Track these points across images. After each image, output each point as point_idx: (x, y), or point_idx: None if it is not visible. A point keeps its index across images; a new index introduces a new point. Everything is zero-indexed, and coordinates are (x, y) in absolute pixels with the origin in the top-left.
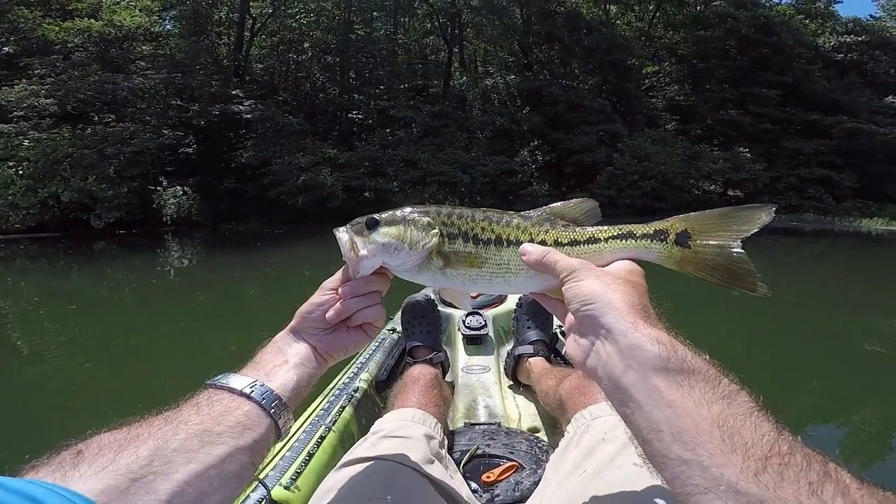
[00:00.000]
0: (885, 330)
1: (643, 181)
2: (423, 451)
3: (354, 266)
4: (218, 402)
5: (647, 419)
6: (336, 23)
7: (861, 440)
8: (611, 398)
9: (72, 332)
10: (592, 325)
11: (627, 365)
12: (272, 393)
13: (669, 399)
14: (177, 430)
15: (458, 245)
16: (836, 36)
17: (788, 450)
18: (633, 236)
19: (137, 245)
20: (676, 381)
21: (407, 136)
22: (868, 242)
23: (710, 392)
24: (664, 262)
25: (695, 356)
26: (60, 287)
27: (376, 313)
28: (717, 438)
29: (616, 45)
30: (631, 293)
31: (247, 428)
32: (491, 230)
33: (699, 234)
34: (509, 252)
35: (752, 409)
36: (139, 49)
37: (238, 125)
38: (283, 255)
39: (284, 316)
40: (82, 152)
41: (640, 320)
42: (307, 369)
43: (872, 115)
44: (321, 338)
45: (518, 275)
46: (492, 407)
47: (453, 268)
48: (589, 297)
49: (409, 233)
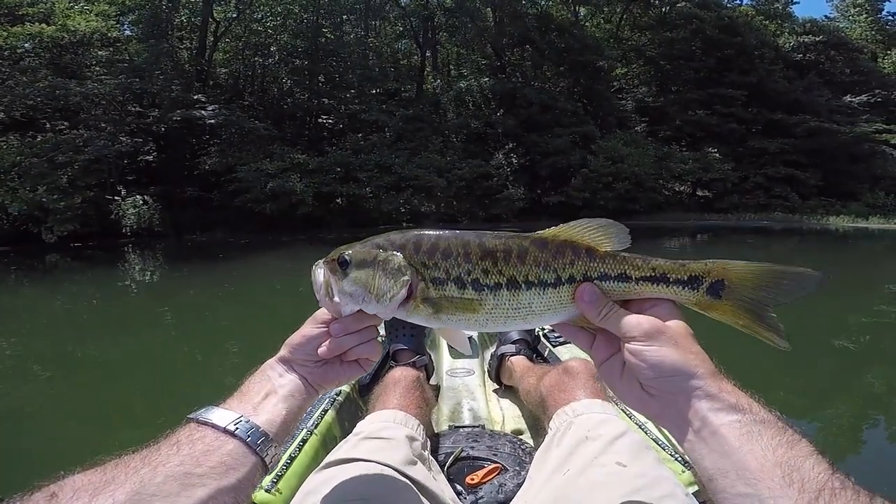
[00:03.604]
0: (852, 326)
1: (617, 183)
2: (404, 453)
3: (331, 310)
4: (200, 439)
5: (716, 462)
6: (304, 26)
7: (831, 434)
8: (680, 443)
9: (24, 351)
10: (672, 391)
11: (707, 422)
12: (258, 430)
13: (739, 445)
14: (155, 472)
15: (450, 291)
16: (795, 36)
17: (840, 486)
18: (665, 281)
19: (95, 258)
20: (749, 430)
21: (380, 141)
22: (834, 240)
23: (776, 438)
24: (690, 306)
25: (765, 410)
26: (11, 303)
27: (371, 350)
28: (778, 476)
29: (587, 46)
30: (703, 357)
31: (230, 468)
32: (499, 272)
33: (735, 287)
34: (530, 295)
35: (812, 452)
36: (95, 54)
37: (201, 131)
38: (252, 266)
39: (254, 331)
40: (31, 161)
41: (722, 383)
42: (296, 401)
43: (832, 114)
44: (312, 370)
45: (543, 315)
46: (476, 410)
47: (449, 314)
48: (671, 371)
49: (377, 280)
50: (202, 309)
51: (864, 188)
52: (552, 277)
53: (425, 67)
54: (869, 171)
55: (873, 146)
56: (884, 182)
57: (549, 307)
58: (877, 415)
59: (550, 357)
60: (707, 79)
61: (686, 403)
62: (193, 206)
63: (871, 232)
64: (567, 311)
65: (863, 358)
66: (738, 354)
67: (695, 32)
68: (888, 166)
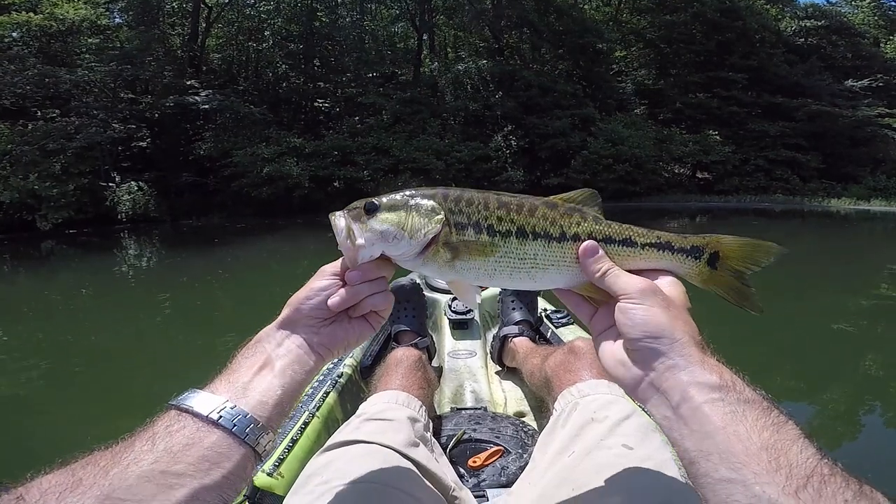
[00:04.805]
0: (851, 308)
1: (617, 165)
2: (406, 434)
3: (351, 255)
4: (179, 431)
5: (698, 443)
6: (298, 10)
7: (830, 417)
8: (660, 421)
9: (20, 339)
10: (654, 356)
11: (687, 396)
12: (245, 417)
13: (723, 426)
14: (126, 472)
15: (468, 235)
16: (797, 21)
17: (829, 472)
18: (670, 248)
19: (90, 245)
20: (732, 409)
21: (377, 124)
22: (836, 222)
23: (761, 420)
24: (691, 277)
25: (750, 389)
26: (6, 291)
27: (385, 300)
28: (765, 461)
29: (586, 28)
30: (693, 327)
31: (214, 464)
32: (510, 220)
33: (727, 258)
34: (536, 245)
35: (799, 435)
36: (85, 42)
37: (195, 116)
38: (249, 250)
39: (252, 314)
40: (22, 149)
41: (706, 356)
42: (297, 373)
43: (833, 98)
44: (319, 330)
45: (547, 270)
46: (478, 392)
47: (464, 260)
48: (656, 331)
49: (411, 219)
50: (199, 293)
51: (865, 171)
52: (558, 232)
53: (422, 50)
54: (870, 155)
55: (875, 130)
56: (885, 165)
57: (553, 262)
58: (873, 400)
59: (553, 338)
60: (707, 62)
61: (667, 372)
62: (189, 191)
63: (873, 214)
64: (571, 271)
65: (861, 341)
66: (738, 338)
67: (695, 16)
68: (889, 150)
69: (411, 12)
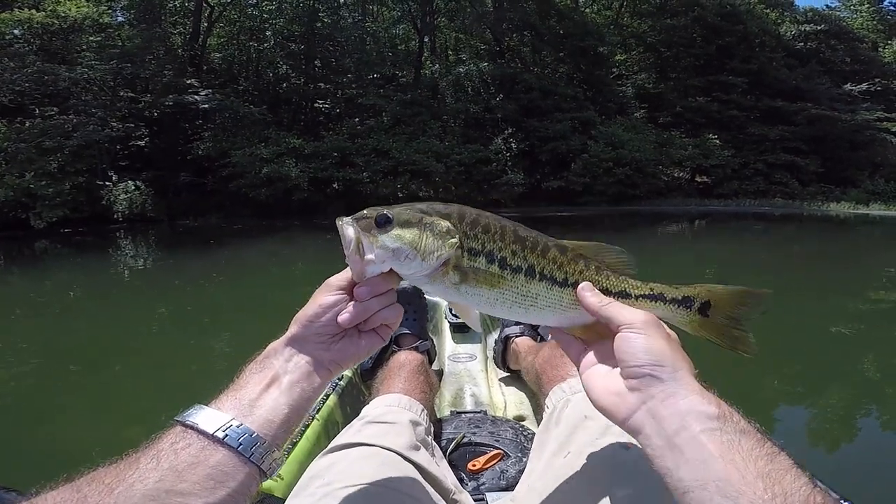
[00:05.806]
0: (850, 312)
1: (617, 168)
2: (408, 437)
3: (359, 269)
4: (184, 448)
5: (693, 472)
6: (300, 11)
7: (828, 421)
8: (651, 451)
9: (13, 339)
10: (655, 383)
11: (685, 424)
12: (251, 435)
13: (720, 454)
14: (131, 490)
15: (480, 263)
16: (796, 25)
17: (822, 500)
18: (663, 299)
19: (85, 244)
20: (730, 439)
21: (377, 125)
22: (834, 226)
23: (756, 449)
24: (683, 326)
25: (745, 420)
26: None
27: (395, 313)
28: (760, 489)
29: (587, 31)
30: (690, 363)
31: (219, 482)
32: (523, 257)
33: (717, 307)
34: (540, 286)
35: (792, 465)
36: (86, 40)
37: (194, 116)
38: (246, 252)
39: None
40: (18, 146)
41: (703, 388)
42: (306, 390)
43: (832, 102)
44: (329, 346)
45: (543, 310)
46: (478, 395)
47: (470, 286)
48: (660, 358)
49: (425, 239)
50: (195, 294)
51: (864, 175)
52: (562, 277)
53: (423, 52)
54: (869, 159)
55: (873, 133)
56: (883, 169)
57: (552, 304)
58: (871, 403)
59: None
60: (707, 66)
61: (667, 399)
62: (187, 191)
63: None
64: (566, 314)
65: (859, 345)
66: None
67: (696, 20)
68: (888, 153)
69: (413, 14)
